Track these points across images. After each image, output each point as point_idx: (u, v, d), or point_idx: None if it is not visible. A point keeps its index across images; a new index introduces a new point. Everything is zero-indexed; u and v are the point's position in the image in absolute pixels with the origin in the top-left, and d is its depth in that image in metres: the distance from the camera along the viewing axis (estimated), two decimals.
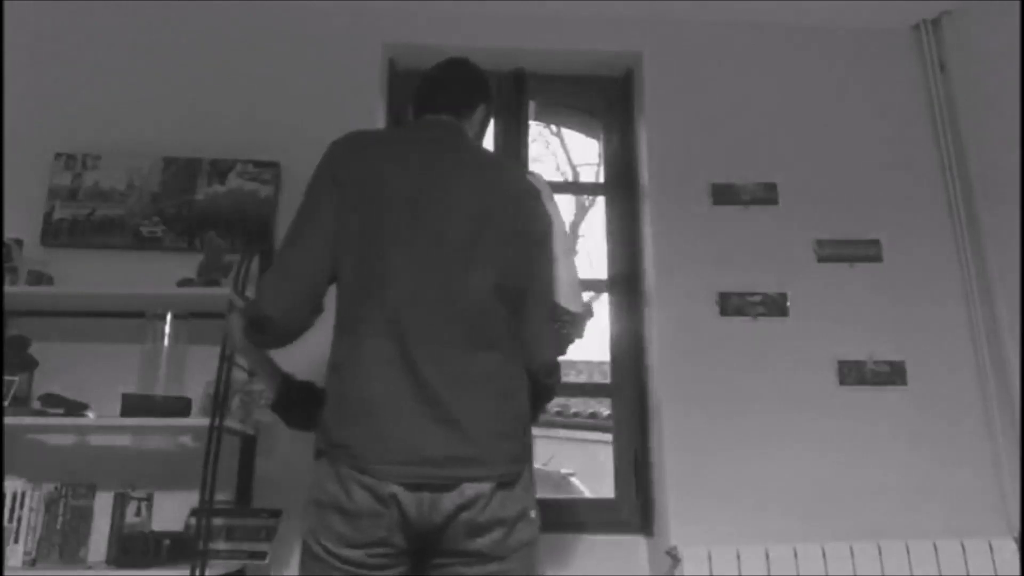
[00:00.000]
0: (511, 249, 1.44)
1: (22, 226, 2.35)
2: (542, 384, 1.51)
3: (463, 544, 1.31)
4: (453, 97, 1.60)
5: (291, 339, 1.44)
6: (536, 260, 1.51)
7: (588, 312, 1.67)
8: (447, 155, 1.50)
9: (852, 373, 2.43)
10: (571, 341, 1.66)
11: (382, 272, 1.36)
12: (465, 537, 1.31)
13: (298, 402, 1.63)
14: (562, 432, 7.24)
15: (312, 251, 1.40)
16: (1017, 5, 2.47)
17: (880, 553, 2.16)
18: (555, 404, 6.27)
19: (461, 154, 1.53)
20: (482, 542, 1.31)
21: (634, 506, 2.44)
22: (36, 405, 2.09)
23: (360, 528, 1.28)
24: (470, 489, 1.29)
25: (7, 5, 2.54)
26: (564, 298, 1.59)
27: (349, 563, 1.28)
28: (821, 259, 2.54)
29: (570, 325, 1.61)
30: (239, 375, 2.10)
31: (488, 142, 1.86)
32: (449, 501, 1.29)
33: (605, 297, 2.70)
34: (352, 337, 1.36)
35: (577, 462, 6.77)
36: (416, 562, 1.35)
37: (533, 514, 1.40)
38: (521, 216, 1.49)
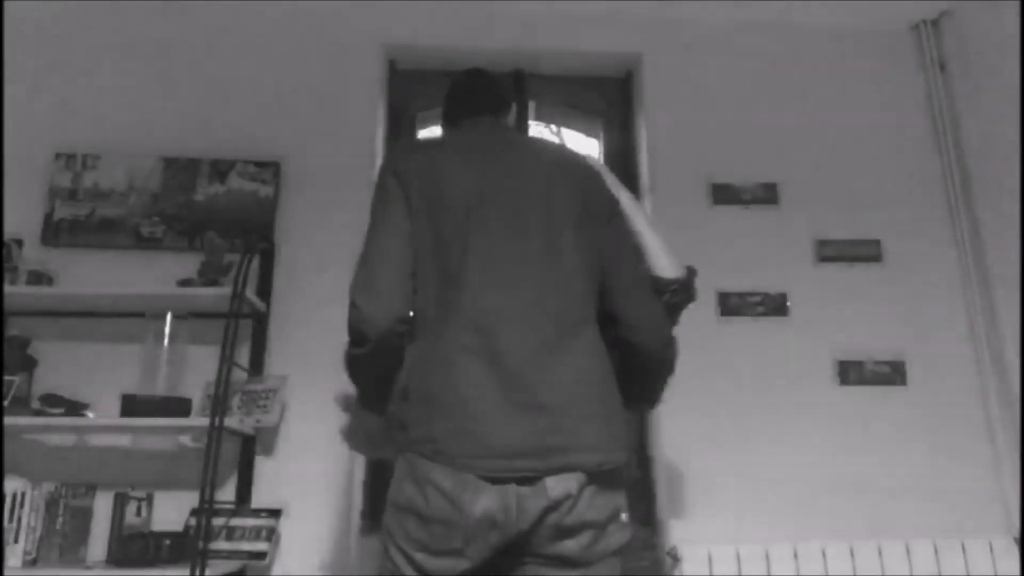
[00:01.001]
0: (587, 229, 1.43)
1: (22, 226, 2.35)
2: (660, 359, 1.46)
3: (546, 547, 1.24)
4: (490, 100, 1.62)
5: (392, 347, 1.34)
6: (614, 238, 1.48)
7: (692, 272, 1.61)
8: (506, 147, 1.50)
9: (852, 373, 2.43)
10: (684, 307, 1.62)
11: (458, 264, 1.34)
12: (549, 540, 1.24)
13: None
14: None
15: (392, 250, 1.37)
16: (1017, 5, 2.47)
17: (880, 553, 2.16)
18: None
19: (520, 144, 1.54)
20: (566, 546, 1.24)
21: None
22: (36, 405, 2.10)
23: (434, 534, 1.23)
24: (556, 489, 1.23)
25: (7, 5, 2.55)
26: (661, 269, 1.55)
27: (421, 570, 1.23)
28: (821, 259, 2.54)
29: (679, 292, 1.57)
30: (239, 375, 2.10)
31: None
32: (535, 504, 1.22)
33: None
34: (432, 334, 1.32)
35: None
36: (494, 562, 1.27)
37: (624, 516, 1.32)
38: (590, 195, 1.47)
